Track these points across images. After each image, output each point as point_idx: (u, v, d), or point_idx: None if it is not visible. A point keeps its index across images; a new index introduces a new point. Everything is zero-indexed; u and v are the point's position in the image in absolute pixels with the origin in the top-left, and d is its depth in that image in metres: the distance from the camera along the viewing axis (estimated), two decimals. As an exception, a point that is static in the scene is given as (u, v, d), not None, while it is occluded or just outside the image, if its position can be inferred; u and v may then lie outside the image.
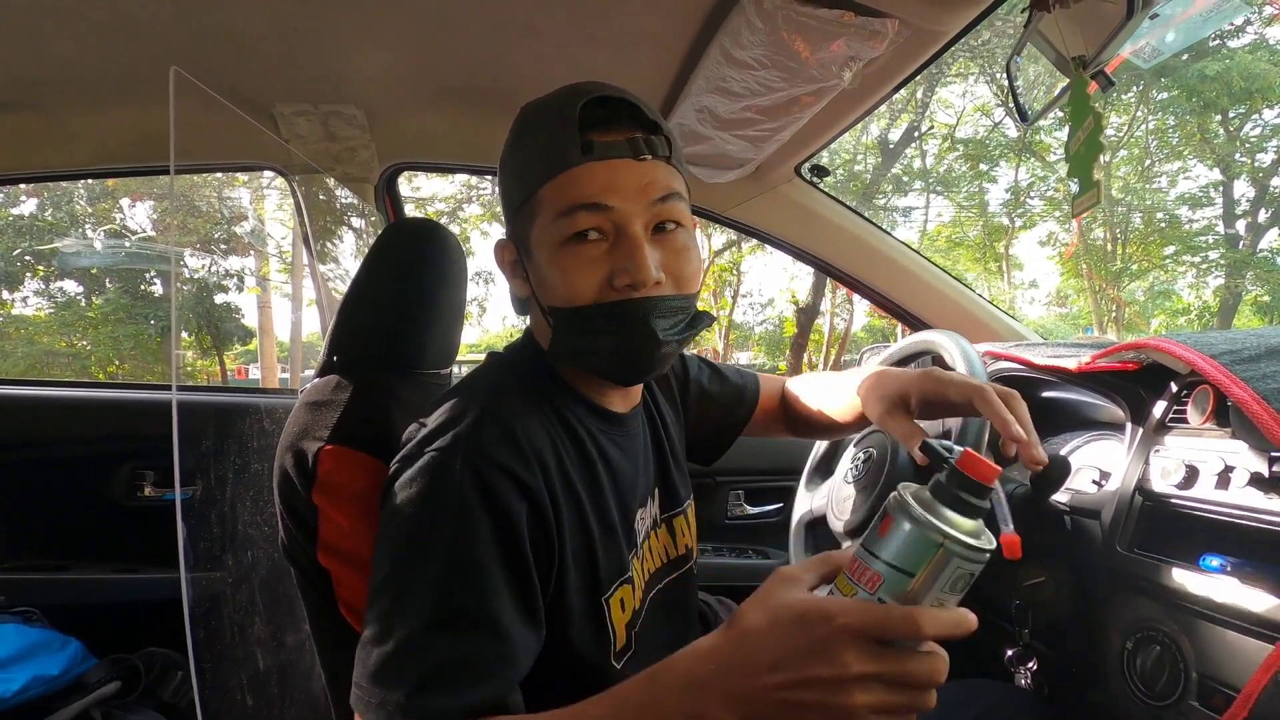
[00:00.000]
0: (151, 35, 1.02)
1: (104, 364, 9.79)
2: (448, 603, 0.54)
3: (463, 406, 0.62)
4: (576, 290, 0.63)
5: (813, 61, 0.91)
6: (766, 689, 0.44)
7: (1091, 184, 0.70)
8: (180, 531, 0.86)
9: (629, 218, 0.62)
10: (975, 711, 0.74)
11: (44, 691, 1.20)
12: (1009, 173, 12.55)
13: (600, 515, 0.66)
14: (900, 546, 0.45)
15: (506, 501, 0.57)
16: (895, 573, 0.44)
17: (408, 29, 1.03)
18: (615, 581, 0.67)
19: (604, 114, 0.63)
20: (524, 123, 0.67)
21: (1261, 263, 10.94)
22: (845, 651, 0.42)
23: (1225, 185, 11.25)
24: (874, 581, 0.45)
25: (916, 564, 0.44)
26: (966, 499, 0.45)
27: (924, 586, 0.44)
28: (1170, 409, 0.79)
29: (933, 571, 0.44)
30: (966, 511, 0.45)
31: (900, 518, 0.45)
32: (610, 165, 0.61)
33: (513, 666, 0.55)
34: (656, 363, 0.65)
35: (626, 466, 0.72)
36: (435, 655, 0.52)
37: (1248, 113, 10.47)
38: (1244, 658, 0.62)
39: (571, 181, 0.61)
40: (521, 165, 0.65)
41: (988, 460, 0.45)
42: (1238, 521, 0.66)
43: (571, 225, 0.61)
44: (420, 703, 0.51)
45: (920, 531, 0.44)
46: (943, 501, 0.45)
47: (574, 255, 0.62)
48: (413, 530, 0.56)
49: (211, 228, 9.96)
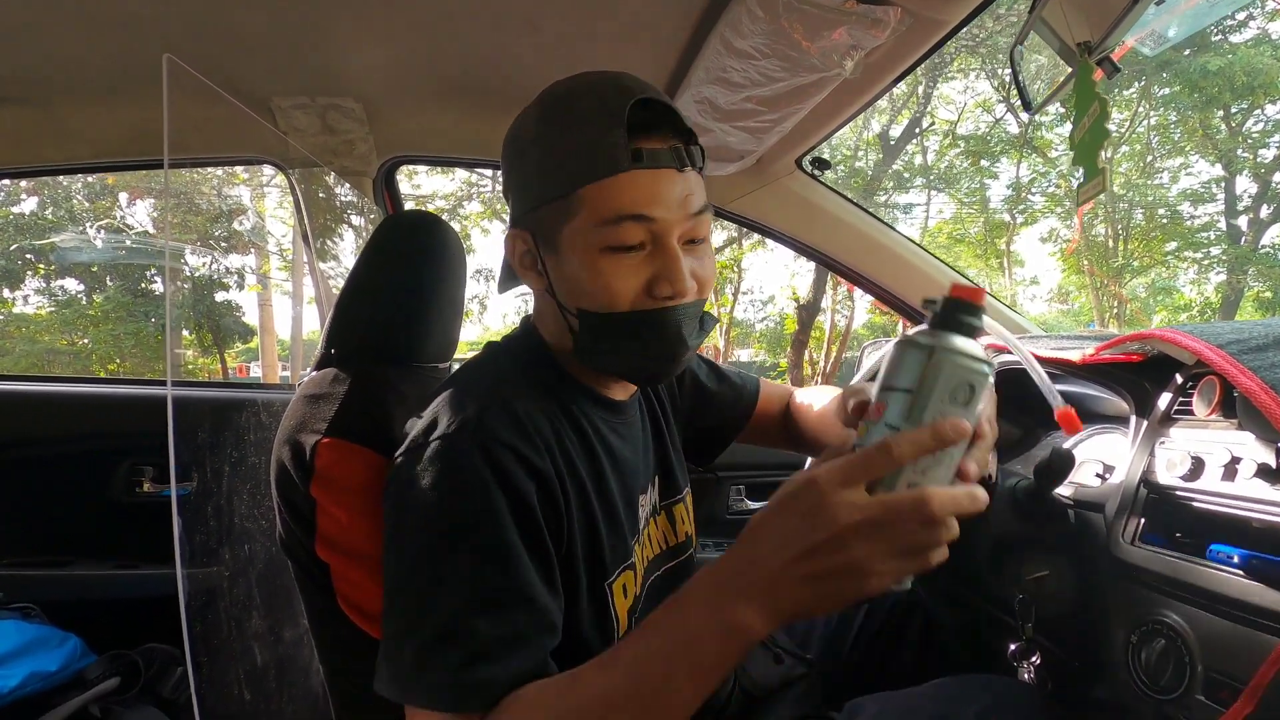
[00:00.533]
0: (147, 28, 1.01)
1: (105, 362, 9.79)
2: (484, 582, 0.55)
3: (464, 394, 0.62)
4: (615, 297, 0.62)
5: (814, 51, 0.90)
6: (779, 571, 0.45)
7: (1096, 172, 0.70)
8: (176, 526, 0.85)
9: (669, 229, 0.62)
10: (979, 707, 0.73)
11: (42, 687, 1.19)
12: (1010, 169, 12.52)
13: (604, 501, 0.67)
14: (896, 369, 0.47)
15: (518, 480, 0.58)
16: (895, 394, 0.46)
17: (406, 21, 1.03)
18: (619, 567, 0.68)
19: (649, 118, 0.61)
20: (560, 110, 0.63)
21: (1264, 259, 10.90)
22: (833, 508, 0.44)
23: (1227, 181, 11.22)
24: (879, 410, 0.47)
25: (912, 377, 0.46)
26: (961, 319, 0.46)
27: (924, 398, 0.45)
28: (1175, 400, 0.78)
29: (929, 380, 0.45)
30: (966, 331, 0.47)
31: (896, 348, 0.47)
32: (656, 175, 0.61)
33: (549, 633, 0.57)
34: (679, 367, 0.67)
35: (628, 453, 0.72)
36: (480, 634, 0.53)
37: (1250, 108, 10.43)
38: (1251, 651, 0.61)
39: (619, 188, 0.60)
40: (558, 158, 0.62)
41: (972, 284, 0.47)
42: (1245, 513, 0.66)
43: (616, 235, 0.61)
44: (470, 678, 0.52)
45: (911, 349, 0.46)
46: (943, 328, 0.47)
47: (615, 263, 0.62)
48: (434, 517, 0.57)
49: (211, 224, 9.95)
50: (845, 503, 0.44)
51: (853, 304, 11.78)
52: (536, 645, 0.56)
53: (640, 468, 0.75)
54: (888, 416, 0.46)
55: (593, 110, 0.61)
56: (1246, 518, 0.66)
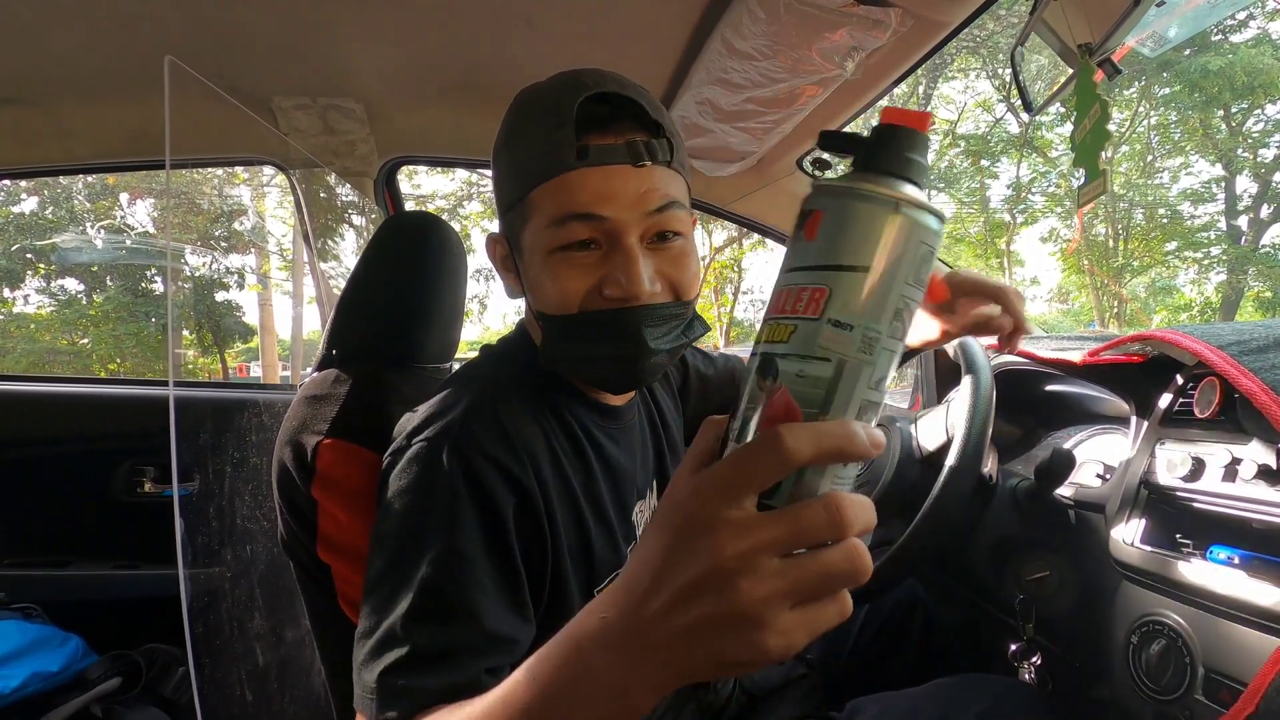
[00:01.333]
0: (148, 28, 1.01)
1: (105, 361, 9.79)
2: (430, 592, 0.53)
3: (453, 398, 0.62)
4: (566, 298, 0.61)
5: (815, 52, 0.90)
6: (654, 622, 0.33)
7: (1098, 173, 0.70)
8: (178, 527, 0.85)
9: (624, 228, 0.59)
10: (979, 707, 0.73)
11: (44, 688, 1.19)
12: (1010, 169, 12.53)
13: (595, 508, 0.66)
14: (841, 236, 0.32)
15: (493, 492, 0.56)
16: (844, 274, 0.32)
17: (407, 22, 1.03)
18: (610, 571, 0.67)
19: (603, 112, 0.59)
20: (518, 114, 0.63)
21: (1264, 258, 10.90)
22: (713, 537, 0.31)
23: (1227, 181, 11.22)
24: (816, 303, 0.32)
25: (871, 250, 0.32)
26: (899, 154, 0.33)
27: (886, 278, 0.32)
28: (1176, 401, 0.78)
29: (893, 252, 0.32)
30: (902, 171, 0.33)
31: (831, 202, 0.33)
32: (606, 172, 0.58)
33: (490, 656, 0.54)
34: (648, 372, 0.63)
35: (623, 460, 0.72)
36: (415, 643, 0.52)
37: (1250, 108, 10.43)
38: (1251, 651, 0.61)
39: (565, 188, 0.58)
40: (514, 163, 0.62)
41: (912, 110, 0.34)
42: (1245, 514, 0.66)
43: (563, 234, 0.59)
44: (394, 683, 0.51)
45: (864, 205, 0.32)
46: (885, 171, 0.33)
47: (564, 263, 0.60)
48: (402, 521, 0.56)
49: (212, 224, 9.96)
50: (728, 526, 0.31)
51: (853, 304, 11.77)
52: (471, 664, 0.53)
53: (638, 473, 0.74)
54: (831, 310, 0.32)
55: (545, 111, 0.60)
56: (1247, 518, 0.66)
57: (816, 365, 0.33)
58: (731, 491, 0.31)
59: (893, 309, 0.33)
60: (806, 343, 0.33)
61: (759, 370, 0.34)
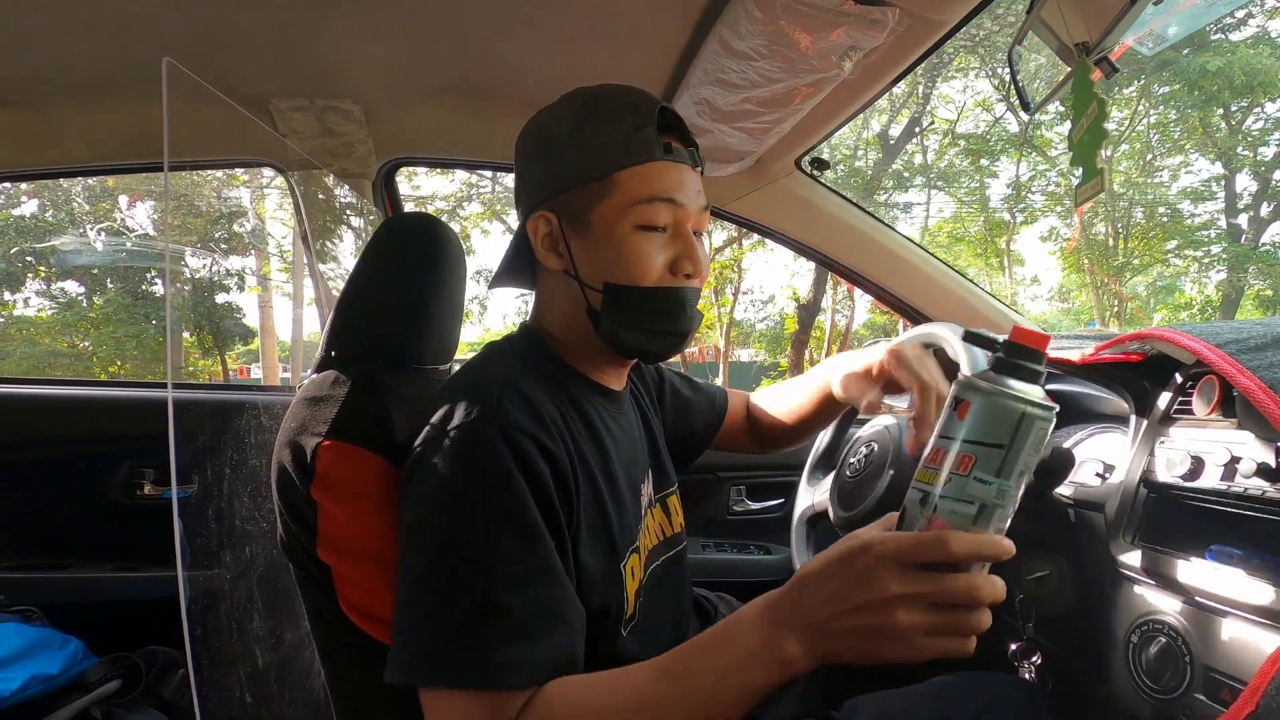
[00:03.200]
0: (146, 31, 1.01)
1: (106, 364, 9.80)
2: (514, 562, 0.57)
3: (481, 386, 0.65)
4: (644, 271, 0.69)
5: (812, 51, 0.90)
6: (826, 619, 0.49)
7: (1095, 172, 0.70)
8: (177, 529, 0.85)
9: (688, 216, 0.71)
10: (978, 705, 0.73)
11: (44, 690, 1.19)
12: (1010, 168, 12.53)
13: (611, 485, 0.70)
14: (985, 422, 0.48)
15: (537, 466, 0.61)
16: (985, 449, 0.48)
17: (405, 23, 1.03)
18: (628, 549, 0.70)
19: (671, 121, 0.71)
20: (595, 105, 0.71)
21: (1264, 257, 10.91)
22: (885, 579, 0.47)
23: (1227, 179, 11.22)
24: (965, 463, 0.48)
25: (1005, 434, 0.47)
26: (1027, 366, 0.49)
27: (1015, 453, 0.47)
28: (1175, 400, 0.78)
29: (1021, 437, 0.47)
30: (1028, 378, 0.49)
31: (979, 397, 0.48)
32: (680, 169, 0.70)
33: (575, 607, 0.60)
34: (685, 345, 0.74)
35: (626, 442, 0.76)
36: (517, 612, 0.55)
37: (1249, 106, 10.44)
38: (1251, 650, 0.61)
39: (654, 174, 0.68)
40: (593, 146, 0.69)
41: (1035, 329, 0.49)
42: (1245, 512, 0.66)
43: (650, 214, 0.68)
44: (510, 656, 0.54)
45: (1003, 403, 0.47)
46: (1007, 374, 0.49)
47: (647, 240, 0.69)
48: (460, 501, 0.59)
49: (211, 226, 9.97)
50: (898, 575, 0.47)
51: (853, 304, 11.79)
52: (571, 621, 0.58)
53: (639, 457, 0.79)
54: (977, 471, 0.48)
55: (627, 108, 0.70)
56: (1246, 517, 0.66)
57: (964, 506, 0.49)
58: (904, 555, 0.47)
59: (1019, 471, 0.48)
60: (958, 490, 0.49)
61: (920, 502, 0.50)
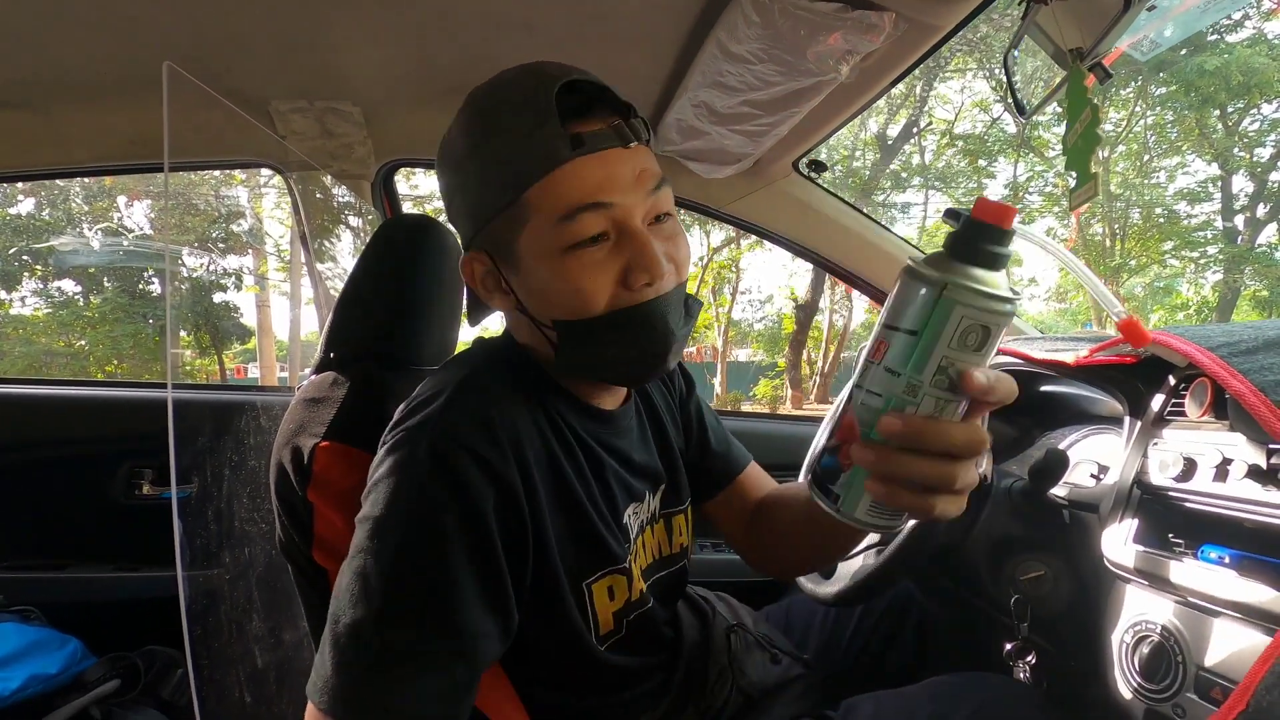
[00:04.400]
0: (146, 32, 1.02)
1: (103, 363, 9.77)
2: (398, 592, 0.52)
3: (437, 388, 0.60)
4: (588, 299, 0.58)
5: (809, 55, 0.91)
6: None
7: (1089, 176, 0.70)
8: (176, 529, 0.86)
9: (630, 212, 0.58)
10: (974, 705, 0.74)
11: (43, 690, 1.19)
12: (1007, 168, 12.55)
13: (585, 505, 0.65)
14: (901, 306, 0.42)
15: (471, 485, 0.54)
16: (900, 335, 0.42)
17: (403, 25, 1.03)
18: (602, 570, 0.66)
19: (580, 101, 0.58)
20: (485, 117, 0.60)
21: (1260, 257, 10.94)
22: None
23: (1224, 180, 11.25)
24: (879, 351, 0.43)
25: (920, 320, 0.41)
26: (985, 248, 0.41)
27: (930, 344, 0.41)
28: (1168, 402, 0.79)
29: (937, 325, 0.40)
30: (986, 262, 0.41)
31: (902, 278, 0.42)
32: (602, 158, 0.57)
33: (466, 660, 0.53)
34: (672, 359, 0.63)
35: (615, 462, 0.70)
36: (381, 644, 0.50)
37: (1246, 107, 10.46)
38: (1242, 650, 0.62)
39: (565, 180, 0.56)
40: (495, 167, 0.58)
41: (1003, 202, 0.41)
42: (1236, 514, 0.66)
43: (576, 230, 0.57)
44: (360, 690, 0.50)
45: (920, 284, 0.41)
46: (959, 258, 0.41)
47: (580, 261, 0.58)
48: (375, 515, 0.54)
49: (209, 226, 9.95)
50: None
51: (850, 304, 11.81)
52: (443, 673, 0.52)
53: (630, 477, 0.72)
54: (888, 359, 0.42)
55: (518, 107, 0.57)
56: (1238, 518, 0.66)
57: (872, 398, 0.44)
58: None
59: (935, 366, 0.41)
60: (869, 380, 0.44)
61: (852, 388, 0.46)
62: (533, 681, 0.68)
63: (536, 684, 0.68)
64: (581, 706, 0.70)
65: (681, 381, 0.88)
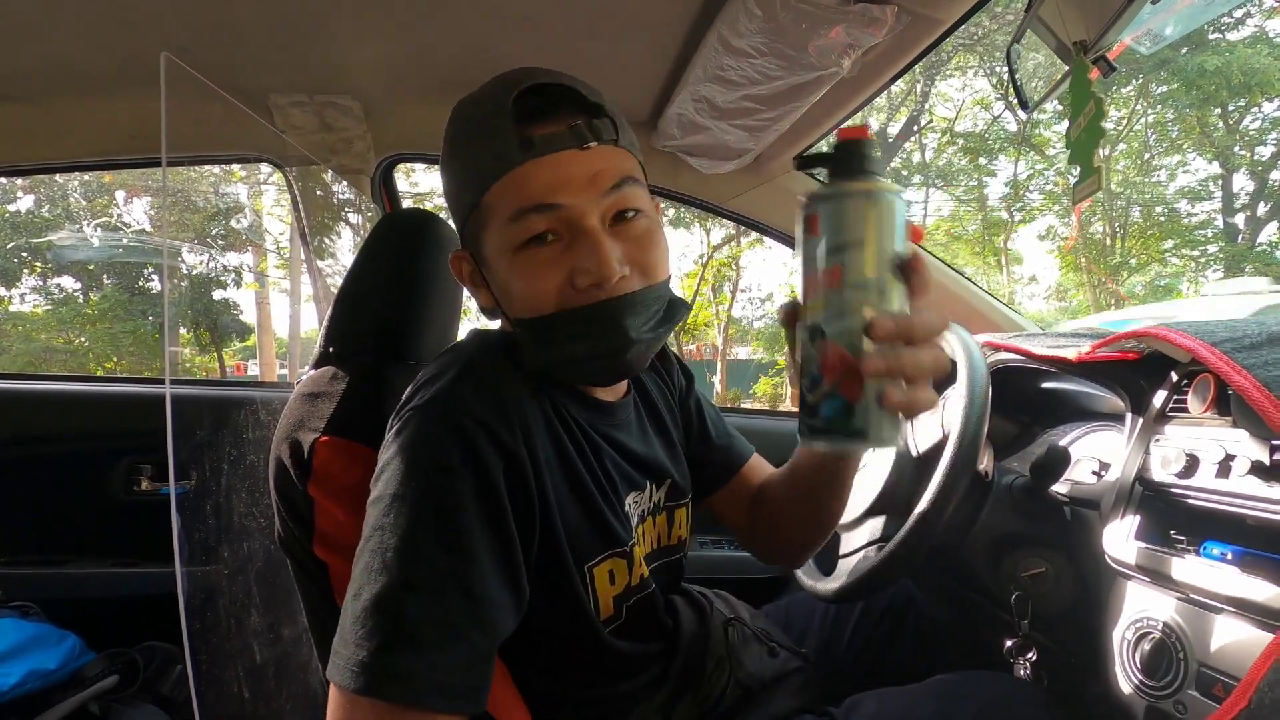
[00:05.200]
0: (144, 25, 1.01)
1: (102, 360, 9.77)
2: (419, 561, 0.52)
3: (446, 365, 0.61)
4: (539, 298, 0.60)
5: (811, 49, 0.90)
6: None
7: (1092, 170, 0.70)
8: (175, 524, 0.85)
9: (582, 213, 0.59)
10: (977, 703, 0.74)
11: (42, 685, 1.19)
12: (1008, 166, 12.54)
13: (590, 486, 0.66)
14: (839, 224, 0.46)
15: (484, 456, 0.55)
16: (849, 250, 0.46)
17: (404, 19, 1.02)
18: (604, 553, 0.67)
19: (540, 104, 0.60)
20: (457, 124, 0.64)
21: (1260, 256, 10.93)
22: None
23: (1224, 179, 11.25)
24: (834, 277, 0.46)
25: (859, 227, 0.46)
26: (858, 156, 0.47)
27: (879, 243, 0.46)
28: (1171, 398, 0.78)
29: (875, 223, 0.46)
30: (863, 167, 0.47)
31: (824, 204, 0.47)
32: (555, 160, 0.58)
33: (485, 630, 0.54)
34: (635, 363, 0.64)
35: (614, 452, 0.71)
36: (404, 614, 0.51)
37: (1247, 106, 10.45)
38: (1244, 646, 0.61)
39: (516, 183, 0.59)
40: (463, 171, 0.62)
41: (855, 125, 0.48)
42: (1239, 510, 0.66)
43: (523, 230, 0.59)
44: (385, 661, 0.50)
45: (845, 198, 0.46)
46: (843, 175, 0.47)
47: (529, 261, 0.60)
48: (392, 489, 0.54)
49: (208, 222, 9.93)
50: None
51: (851, 302, 11.77)
52: (472, 642, 0.52)
53: (630, 468, 0.73)
54: (851, 277, 0.46)
55: (484, 113, 0.60)
56: (1240, 514, 0.66)
57: (851, 319, 0.46)
58: None
59: (889, 262, 0.46)
60: (840, 307, 0.47)
61: (810, 338, 0.48)
62: (531, 669, 0.68)
63: (535, 671, 0.68)
64: (580, 695, 0.70)
65: (681, 377, 0.89)
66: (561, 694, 0.70)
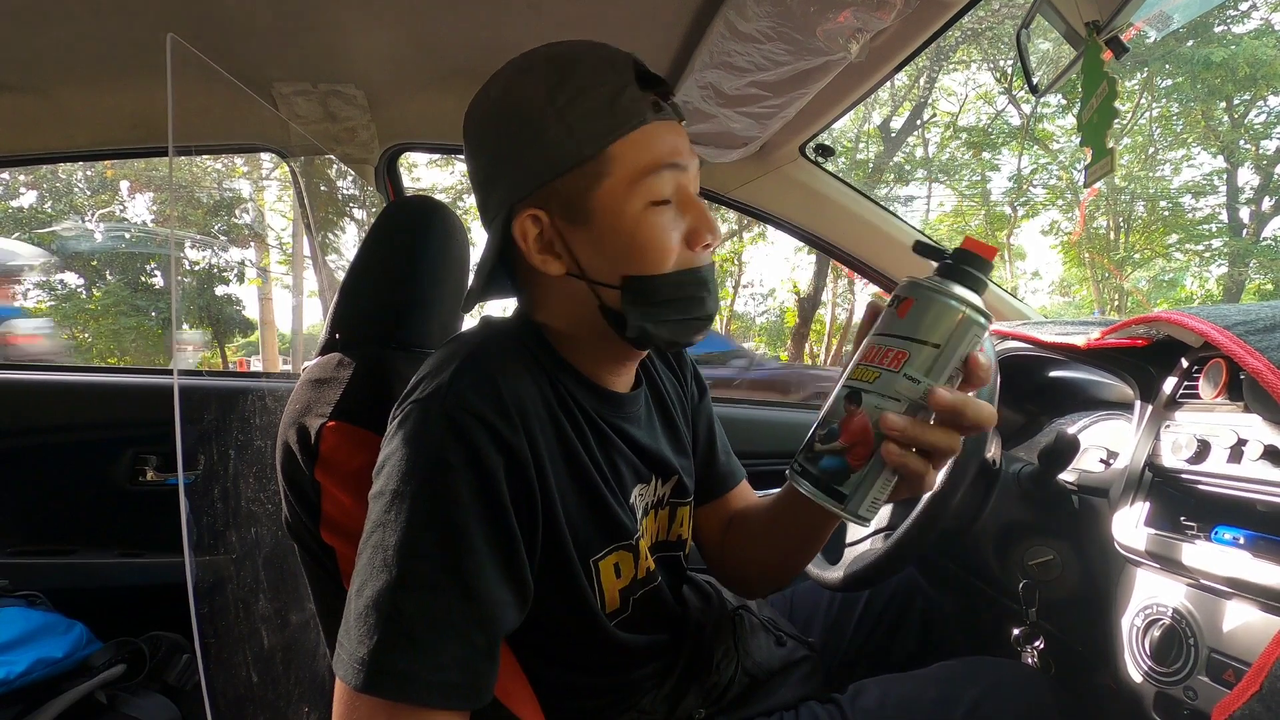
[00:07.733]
0: (149, 12, 1.01)
1: (105, 356, 9.78)
2: (418, 560, 0.52)
3: (447, 358, 0.60)
4: (662, 255, 0.61)
5: (819, 33, 0.90)
6: None
7: (1104, 152, 0.69)
8: (184, 511, 0.85)
9: (692, 180, 0.63)
10: (981, 690, 0.73)
11: (49, 674, 1.19)
12: (1012, 161, 12.48)
13: (595, 478, 0.65)
14: (924, 320, 0.49)
15: (484, 453, 0.55)
16: (920, 346, 0.49)
17: (408, 7, 1.02)
18: (609, 546, 0.67)
19: (647, 76, 0.61)
20: (565, 71, 0.59)
21: (1265, 251, 10.87)
22: None
23: (1229, 173, 11.17)
24: (898, 359, 0.49)
25: (942, 334, 0.49)
26: (972, 273, 0.50)
27: (948, 355, 0.49)
28: (1181, 384, 0.78)
29: (956, 339, 0.49)
30: (972, 285, 0.50)
31: (923, 295, 0.50)
32: (674, 127, 0.61)
33: (485, 628, 0.54)
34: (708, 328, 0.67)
35: (621, 443, 0.70)
36: (403, 613, 0.51)
37: (1252, 100, 10.38)
38: (1255, 632, 0.61)
39: (652, 139, 0.59)
40: (575, 122, 0.58)
41: (985, 243, 0.51)
42: (1251, 495, 0.66)
43: (658, 187, 0.60)
44: (385, 659, 0.50)
45: (945, 303, 0.49)
46: (965, 283, 0.50)
47: (660, 217, 0.61)
48: (393, 485, 0.54)
49: (210, 218, 9.94)
50: None
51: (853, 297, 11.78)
52: (472, 641, 0.53)
53: (637, 460, 0.72)
54: (908, 368, 0.49)
55: (599, 69, 0.60)
56: (1252, 499, 0.66)
57: (890, 402, 0.50)
58: None
59: (948, 374, 0.50)
60: (887, 386, 0.50)
61: (847, 397, 0.51)
62: (540, 659, 0.68)
63: (543, 661, 0.68)
64: (588, 684, 0.70)
65: (694, 384, 0.88)
66: (570, 683, 0.70)
